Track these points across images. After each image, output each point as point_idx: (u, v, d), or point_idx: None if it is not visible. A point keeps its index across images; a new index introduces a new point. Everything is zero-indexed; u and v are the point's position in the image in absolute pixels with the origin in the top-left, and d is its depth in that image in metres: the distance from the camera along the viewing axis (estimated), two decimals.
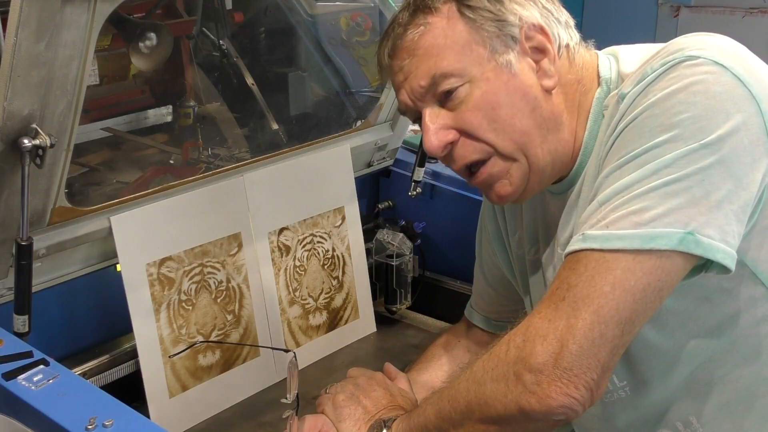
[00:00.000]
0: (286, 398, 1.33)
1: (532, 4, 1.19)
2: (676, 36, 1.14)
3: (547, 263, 1.33)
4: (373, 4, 2.13)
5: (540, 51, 1.18)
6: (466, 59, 1.16)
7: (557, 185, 1.26)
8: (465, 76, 1.16)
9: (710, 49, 1.06)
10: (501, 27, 1.16)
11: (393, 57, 1.21)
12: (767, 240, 1.10)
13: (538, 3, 1.19)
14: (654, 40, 1.19)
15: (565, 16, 1.22)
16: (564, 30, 1.21)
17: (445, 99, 1.18)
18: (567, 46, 1.21)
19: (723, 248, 1.01)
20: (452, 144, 1.19)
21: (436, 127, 1.18)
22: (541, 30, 1.18)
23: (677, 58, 1.06)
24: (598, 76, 1.22)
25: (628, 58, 1.21)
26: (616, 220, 1.03)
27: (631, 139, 1.07)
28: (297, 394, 1.33)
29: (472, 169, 1.21)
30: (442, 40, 1.17)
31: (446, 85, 1.16)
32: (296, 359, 1.33)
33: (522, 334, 1.06)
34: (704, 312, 1.13)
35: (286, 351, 1.34)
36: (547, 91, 1.18)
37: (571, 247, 1.07)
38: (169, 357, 1.53)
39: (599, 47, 1.28)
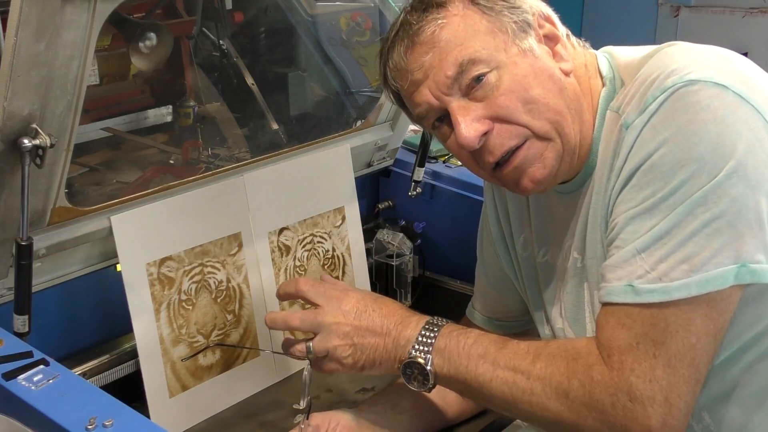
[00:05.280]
0: (299, 404, 1.34)
1: None
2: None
3: (559, 265, 1.33)
4: (373, 4, 2.13)
5: (550, 39, 1.21)
6: (490, 46, 1.16)
7: (565, 185, 1.26)
8: (492, 62, 1.16)
9: (707, 69, 1.07)
10: (516, 14, 1.18)
11: (410, 55, 1.19)
12: None
13: None
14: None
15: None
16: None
17: (472, 89, 1.17)
18: (567, 36, 1.24)
19: None
20: (486, 134, 1.17)
21: (468, 119, 1.17)
22: (548, 18, 1.21)
23: (676, 84, 1.07)
24: (601, 75, 1.23)
25: (622, 57, 1.23)
26: (668, 270, 1.05)
27: (652, 179, 1.07)
28: (310, 399, 1.34)
29: (500, 159, 1.19)
30: (463, 30, 1.17)
31: (475, 71, 1.16)
32: (311, 367, 1.34)
33: (626, 394, 1.07)
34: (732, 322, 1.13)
35: (301, 359, 1.35)
36: (566, 74, 1.20)
37: (621, 299, 1.08)
38: (183, 360, 1.53)
39: (599, 47, 1.29)
